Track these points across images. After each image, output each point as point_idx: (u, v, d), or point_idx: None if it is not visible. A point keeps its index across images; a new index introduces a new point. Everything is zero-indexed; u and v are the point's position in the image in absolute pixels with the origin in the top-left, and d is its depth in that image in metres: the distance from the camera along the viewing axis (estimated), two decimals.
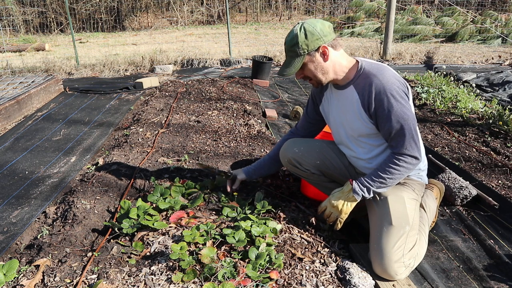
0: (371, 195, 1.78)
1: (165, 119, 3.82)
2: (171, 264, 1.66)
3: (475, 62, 7.08)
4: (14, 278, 1.67)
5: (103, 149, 3.39)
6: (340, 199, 1.81)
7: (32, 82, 5.06)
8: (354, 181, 1.80)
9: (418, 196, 1.87)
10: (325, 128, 2.17)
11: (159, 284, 1.56)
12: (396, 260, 1.65)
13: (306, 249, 1.82)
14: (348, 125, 1.87)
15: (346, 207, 1.80)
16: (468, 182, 2.43)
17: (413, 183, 1.85)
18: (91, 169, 2.90)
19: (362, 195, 1.77)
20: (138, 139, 3.30)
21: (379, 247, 1.69)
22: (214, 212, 2.09)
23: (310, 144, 2.08)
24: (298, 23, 1.74)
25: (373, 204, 1.83)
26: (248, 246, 1.73)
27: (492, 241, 2.01)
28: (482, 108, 4.10)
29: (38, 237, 2.07)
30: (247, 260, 1.66)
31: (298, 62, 1.73)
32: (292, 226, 1.98)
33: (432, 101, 4.41)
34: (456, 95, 4.48)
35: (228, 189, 2.23)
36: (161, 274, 1.62)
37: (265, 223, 1.88)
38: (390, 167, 1.73)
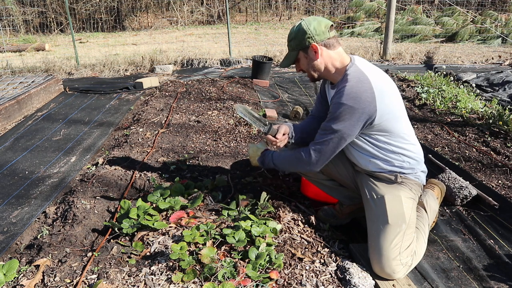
0: (269, 167, 2.09)
1: (165, 119, 3.82)
2: (171, 264, 1.66)
3: (475, 62, 7.07)
4: (14, 278, 1.67)
5: (103, 149, 3.39)
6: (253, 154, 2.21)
7: (32, 82, 5.06)
8: (266, 151, 2.14)
9: (415, 196, 1.87)
10: None
11: (159, 284, 1.56)
12: (394, 257, 1.66)
13: (306, 249, 1.82)
14: None
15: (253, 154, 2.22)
16: (468, 182, 2.43)
17: (411, 183, 1.86)
18: (91, 169, 2.90)
19: (261, 163, 2.13)
20: (138, 139, 3.30)
21: (376, 245, 1.71)
22: (214, 212, 2.09)
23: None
24: (301, 19, 1.82)
25: (370, 202, 1.84)
26: (248, 246, 1.73)
27: (492, 241, 2.01)
28: (482, 108, 4.10)
29: (38, 237, 2.07)
30: (247, 260, 1.66)
31: (292, 56, 1.84)
32: (292, 226, 1.98)
33: (432, 101, 4.41)
34: (456, 95, 4.48)
35: (273, 138, 2.04)
36: (161, 274, 1.62)
37: (265, 223, 1.88)
38: (294, 155, 1.91)
